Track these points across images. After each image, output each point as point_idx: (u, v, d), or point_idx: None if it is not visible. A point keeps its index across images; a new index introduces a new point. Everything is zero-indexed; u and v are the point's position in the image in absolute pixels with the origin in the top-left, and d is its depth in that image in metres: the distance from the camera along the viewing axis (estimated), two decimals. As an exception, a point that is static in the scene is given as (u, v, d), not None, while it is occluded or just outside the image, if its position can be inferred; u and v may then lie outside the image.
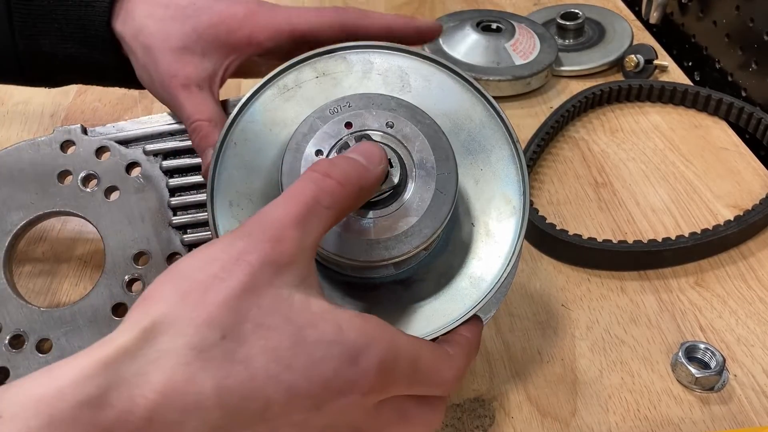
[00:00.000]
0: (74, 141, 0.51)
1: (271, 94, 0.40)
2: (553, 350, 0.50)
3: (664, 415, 0.46)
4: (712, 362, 0.48)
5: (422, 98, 0.40)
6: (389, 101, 0.38)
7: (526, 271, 0.56)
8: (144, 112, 0.74)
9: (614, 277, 0.56)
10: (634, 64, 0.77)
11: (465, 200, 0.40)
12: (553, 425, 0.45)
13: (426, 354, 0.34)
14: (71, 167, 0.50)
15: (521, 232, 0.39)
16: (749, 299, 0.54)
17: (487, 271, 0.39)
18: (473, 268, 0.39)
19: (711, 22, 0.80)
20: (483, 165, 0.40)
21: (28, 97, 0.76)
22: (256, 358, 0.28)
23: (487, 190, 0.40)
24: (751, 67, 0.74)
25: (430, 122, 0.38)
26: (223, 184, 0.39)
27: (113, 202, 0.50)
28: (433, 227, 0.36)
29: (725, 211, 0.61)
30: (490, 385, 0.48)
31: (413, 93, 0.41)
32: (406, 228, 0.36)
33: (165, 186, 0.50)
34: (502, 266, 0.38)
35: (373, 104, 0.37)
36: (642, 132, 0.71)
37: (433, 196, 0.36)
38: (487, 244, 0.39)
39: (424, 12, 0.94)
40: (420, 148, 0.37)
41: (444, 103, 0.41)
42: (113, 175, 0.50)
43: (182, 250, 0.49)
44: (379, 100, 0.38)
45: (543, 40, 0.80)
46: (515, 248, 0.38)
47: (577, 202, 0.63)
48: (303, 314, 0.30)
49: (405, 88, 0.41)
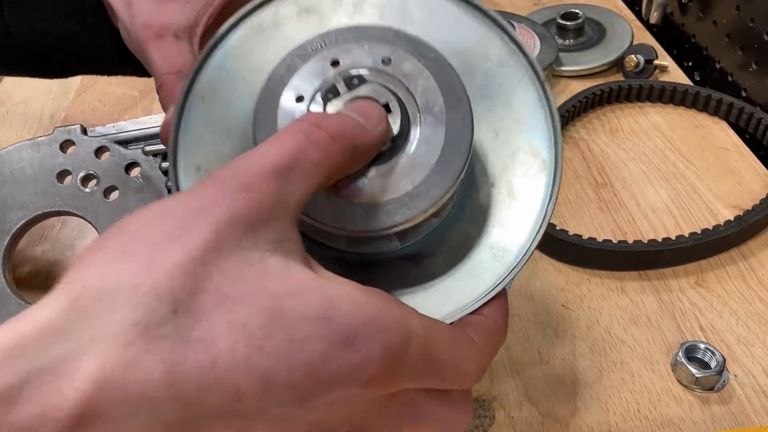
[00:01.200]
0: (74, 141, 0.51)
1: (243, 35, 0.33)
2: (553, 350, 0.50)
3: (664, 415, 0.46)
4: (712, 362, 0.48)
5: (428, 34, 0.32)
6: (385, 32, 0.31)
7: (526, 271, 0.56)
8: (144, 112, 0.74)
9: (614, 277, 0.56)
10: (634, 64, 0.77)
11: (482, 155, 0.34)
12: (553, 425, 0.45)
13: (444, 339, 0.28)
14: (71, 167, 0.50)
15: (554, 191, 0.32)
16: (749, 299, 0.54)
17: (511, 240, 0.32)
18: (495, 237, 0.33)
19: (711, 22, 0.80)
20: (504, 111, 0.33)
21: (28, 98, 0.76)
22: (220, 337, 0.22)
23: (510, 142, 0.33)
24: (751, 67, 0.73)
25: (437, 56, 0.31)
26: (189, 147, 0.32)
27: (112, 202, 0.50)
28: (444, 186, 0.29)
29: (725, 211, 0.61)
30: (490, 385, 0.48)
31: (416, 27, 0.33)
32: (411, 188, 0.29)
33: (164, 186, 0.50)
34: (531, 234, 0.32)
35: (365, 36, 0.31)
36: (642, 132, 0.71)
37: (444, 147, 0.30)
38: (512, 208, 0.33)
39: (424, 12, 0.94)
40: (425, 89, 0.30)
41: (454, 38, 0.34)
42: (113, 175, 0.50)
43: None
44: (373, 32, 0.31)
45: (543, 40, 0.80)
46: (546, 211, 0.32)
47: (577, 202, 0.63)
48: (282, 283, 0.24)
49: (405, 22, 0.33)
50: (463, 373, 0.28)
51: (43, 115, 0.74)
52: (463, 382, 0.29)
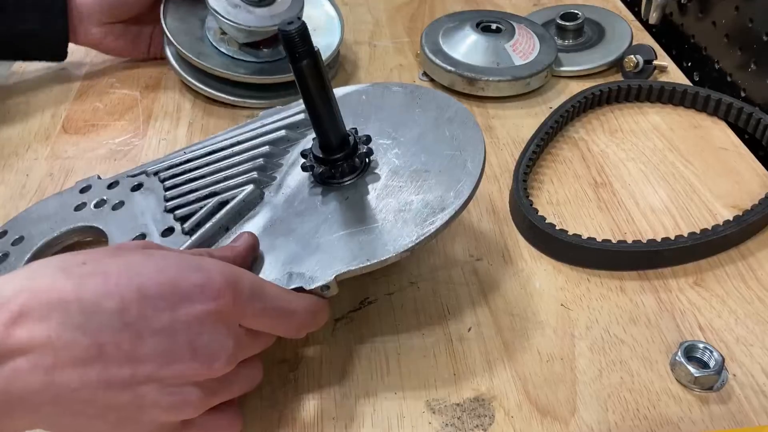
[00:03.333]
0: (91, 185, 0.57)
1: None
2: (552, 350, 0.50)
3: (664, 414, 0.46)
4: (711, 362, 0.48)
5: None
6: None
7: (526, 270, 0.56)
8: (144, 112, 0.74)
9: (614, 277, 0.56)
10: (634, 64, 0.77)
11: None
12: (552, 425, 0.45)
13: (272, 287, 0.41)
14: (86, 200, 0.56)
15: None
16: (748, 299, 0.54)
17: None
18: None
19: (710, 22, 0.80)
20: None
21: (28, 98, 0.76)
22: (111, 268, 0.35)
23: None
24: (751, 67, 0.74)
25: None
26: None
27: (119, 212, 0.54)
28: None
29: (724, 211, 0.62)
30: (490, 385, 0.48)
31: None
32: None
33: (162, 188, 0.55)
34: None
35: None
36: (641, 132, 0.71)
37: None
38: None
39: (424, 12, 0.94)
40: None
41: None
42: (119, 194, 0.55)
43: (175, 224, 0.51)
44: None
45: (543, 40, 0.80)
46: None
47: (577, 202, 0.63)
48: (154, 247, 0.39)
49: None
50: (294, 309, 0.41)
51: (43, 115, 0.74)
52: (292, 325, 0.42)
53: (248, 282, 0.39)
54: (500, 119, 0.74)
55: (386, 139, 0.53)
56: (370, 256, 0.44)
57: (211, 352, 0.36)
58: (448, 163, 0.49)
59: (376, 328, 0.52)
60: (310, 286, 0.44)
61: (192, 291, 0.35)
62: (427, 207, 0.46)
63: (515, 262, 0.57)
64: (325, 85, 0.46)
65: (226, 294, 0.36)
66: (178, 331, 0.35)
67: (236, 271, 0.39)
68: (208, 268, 0.37)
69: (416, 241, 0.44)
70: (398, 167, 0.50)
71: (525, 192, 0.61)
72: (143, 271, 0.35)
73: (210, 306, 0.36)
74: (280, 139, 0.56)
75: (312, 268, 0.45)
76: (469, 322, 0.52)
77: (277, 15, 0.71)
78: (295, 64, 0.44)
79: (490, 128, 0.72)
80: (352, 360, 0.49)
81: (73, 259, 0.35)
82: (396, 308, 0.53)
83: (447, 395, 0.47)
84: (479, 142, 0.50)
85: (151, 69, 0.81)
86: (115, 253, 0.37)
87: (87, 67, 0.82)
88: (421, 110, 0.55)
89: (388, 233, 0.45)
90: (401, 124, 0.54)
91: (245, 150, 0.55)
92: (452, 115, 0.53)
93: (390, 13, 0.95)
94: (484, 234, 0.60)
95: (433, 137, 0.52)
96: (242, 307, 0.38)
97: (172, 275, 0.36)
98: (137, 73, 0.81)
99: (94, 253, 0.37)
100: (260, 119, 0.59)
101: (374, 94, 0.58)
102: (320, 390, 0.47)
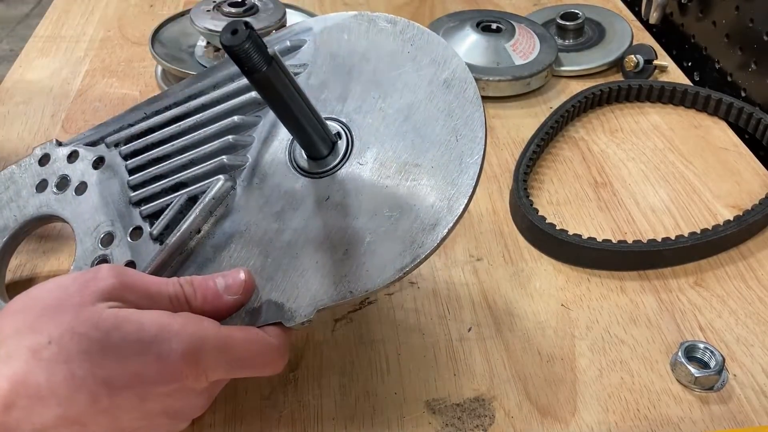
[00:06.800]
0: (50, 154, 0.53)
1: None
2: (553, 350, 0.50)
3: (664, 414, 0.46)
4: (712, 362, 0.48)
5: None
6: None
7: (526, 271, 0.56)
8: (144, 112, 0.74)
9: (614, 276, 0.56)
10: (634, 64, 0.77)
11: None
12: (553, 425, 0.45)
13: (239, 338, 0.40)
14: (47, 177, 0.52)
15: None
16: (749, 299, 0.54)
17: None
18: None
19: (711, 22, 0.80)
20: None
21: (28, 98, 0.76)
22: (74, 359, 0.35)
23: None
24: (751, 67, 0.74)
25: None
26: None
27: (82, 197, 0.51)
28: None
29: (725, 211, 0.62)
30: (490, 385, 0.48)
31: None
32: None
33: (125, 170, 0.50)
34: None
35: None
36: (642, 132, 0.71)
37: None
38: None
39: (424, 12, 0.94)
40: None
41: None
42: (82, 174, 0.51)
43: (142, 224, 0.48)
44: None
45: (543, 40, 0.80)
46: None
47: (577, 202, 0.63)
48: (109, 320, 0.36)
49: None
50: (265, 362, 0.41)
51: (44, 115, 0.74)
52: (266, 370, 0.41)
53: (212, 344, 0.38)
54: (500, 119, 0.74)
55: (371, 111, 0.46)
56: (353, 288, 0.41)
57: (186, 413, 0.40)
58: (442, 155, 0.43)
59: (376, 328, 0.52)
60: (290, 324, 0.41)
61: (155, 378, 0.36)
62: (417, 221, 0.42)
63: (515, 262, 0.57)
64: (292, 93, 0.40)
65: (186, 371, 0.37)
66: (150, 411, 0.37)
67: (201, 334, 0.38)
68: (168, 349, 0.36)
69: (403, 272, 0.40)
70: (386, 159, 0.44)
71: (525, 192, 0.61)
72: (106, 363, 0.35)
73: (173, 386, 0.37)
74: (249, 102, 0.49)
75: (289, 294, 0.42)
76: (469, 322, 0.52)
77: (261, 21, 0.72)
78: (250, 76, 0.38)
79: (491, 128, 0.72)
80: (352, 360, 0.49)
81: (40, 338, 0.35)
82: (396, 308, 0.53)
83: (447, 395, 0.47)
84: (479, 126, 0.44)
85: (151, 69, 0.81)
86: (75, 328, 0.36)
87: (87, 67, 0.82)
88: (414, 65, 0.47)
89: (372, 255, 0.41)
90: (389, 84, 0.47)
91: (211, 119, 0.49)
92: (449, 77, 0.47)
93: (390, 13, 0.94)
94: (484, 234, 0.60)
95: (426, 111, 0.45)
96: (206, 372, 0.38)
97: (137, 368, 0.36)
98: (137, 73, 0.81)
99: (57, 324, 0.36)
100: (225, 64, 0.52)
101: (358, 33, 0.50)
102: (320, 390, 0.47)
